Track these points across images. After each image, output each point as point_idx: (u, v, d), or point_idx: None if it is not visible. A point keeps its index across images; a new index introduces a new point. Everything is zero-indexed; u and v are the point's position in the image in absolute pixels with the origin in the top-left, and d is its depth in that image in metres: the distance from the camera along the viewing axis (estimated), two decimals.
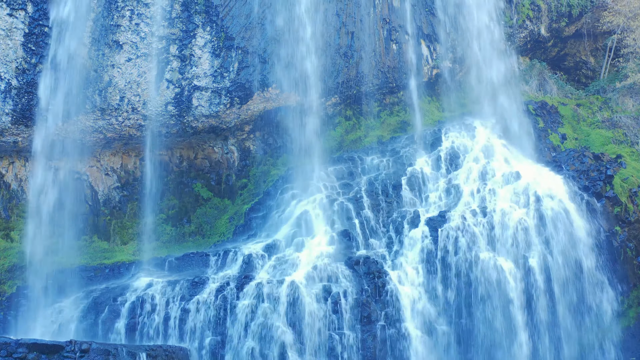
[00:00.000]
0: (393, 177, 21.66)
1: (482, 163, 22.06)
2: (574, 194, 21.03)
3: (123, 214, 22.79)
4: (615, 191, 21.42)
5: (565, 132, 24.93)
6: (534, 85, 27.06)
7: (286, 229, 20.13)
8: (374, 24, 24.10)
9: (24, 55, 21.03)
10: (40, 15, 21.14)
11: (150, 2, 21.74)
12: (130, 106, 21.73)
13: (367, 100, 24.19)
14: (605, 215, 20.98)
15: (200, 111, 22.12)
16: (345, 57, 23.51)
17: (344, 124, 24.11)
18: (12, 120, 21.13)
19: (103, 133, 22.08)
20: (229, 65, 22.10)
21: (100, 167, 23.10)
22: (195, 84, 21.96)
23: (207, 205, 23.12)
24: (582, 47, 30.62)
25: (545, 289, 19.32)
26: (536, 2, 27.12)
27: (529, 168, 21.90)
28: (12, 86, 20.96)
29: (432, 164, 22.27)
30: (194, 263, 19.80)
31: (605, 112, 26.10)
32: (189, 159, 23.66)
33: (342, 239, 19.63)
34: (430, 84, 25.50)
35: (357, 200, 20.60)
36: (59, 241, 21.85)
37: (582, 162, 22.62)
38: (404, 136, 23.62)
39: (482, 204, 20.60)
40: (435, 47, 25.04)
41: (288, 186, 21.46)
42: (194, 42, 21.95)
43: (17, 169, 22.50)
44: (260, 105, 22.78)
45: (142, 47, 21.71)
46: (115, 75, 21.61)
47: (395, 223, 20.27)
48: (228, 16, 22.14)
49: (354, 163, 22.22)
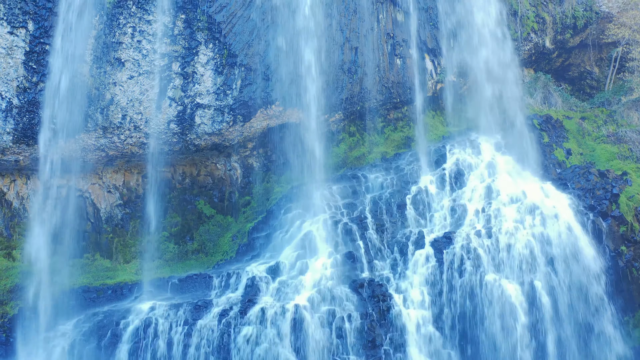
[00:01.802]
0: (397, 196, 21.48)
1: (487, 181, 21.88)
2: (579, 213, 20.87)
3: (125, 232, 22.65)
4: (621, 210, 21.27)
5: (571, 147, 24.73)
6: (539, 99, 26.84)
7: (290, 250, 19.98)
8: (377, 39, 23.88)
9: (25, 74, 20.84)
10: (41, 33, 20.94)
11: (152, 19, 21.54)
12: (132, 124, 21.56)
13: (371, 115, 24.01)
14: (611, 235, 20.83)
15: (203, 129, 21.95)
16: (349, 73, 23.31)
17: (348, 140, 23.93)
18: (13, 139, 20.96)
19: (105, 151, 21.92)
20: (231, 83, 21.90)
21: (102, 185, 22.95)
22: (198, 102, 21.78)
23: (210, 223, 22.97)
24: (586, 57, 30.39)
25: (551, 310, 19.18)
26: (541, 15, 26.89)
27: (534, 186, 21.72)
28: (13, 105, 20.79)
29: (437, 182, 22.10)
30: (197, 285, 19.67)
31: (611, 125, 25.90)
32: (191, 176, 23.50)
33: (346, 260, 19.48)
34: (434, 98, 25.31)
35: (361, 220, 20.44)
36: (61, 260, 21.70)
37: (587, 180, 22.46)
38: (408, 152, 23.43)
39: (487, 225, 20.43)
40: (439, 62, 24.83)
41: (291, 205, 21.30)
42: (197, 60, 21.75)
43: (18, 187, 22.36)
44: (263, 123, 22.61)
45: (144, 65, 21.52)
46: (117, 93, 21.43)
47: (400, 244, 20.12)
48: (231, 33, 21.93)
49: (358, 181, 22.04)
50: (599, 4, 27.99)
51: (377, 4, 23.99)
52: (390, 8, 24.16)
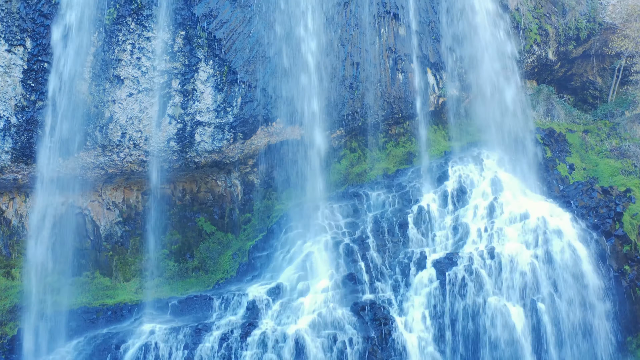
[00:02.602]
0: (399, 214, 21.32)
1: (489, 199, 21.70)
2: (582, 232, 20.70)
3: (125, 250, 22.50)
4: (624, 229, 21.10)
5: (574, 162, 24.56)
6: (542, 111, 26.65)
7: (290, 271, 19.82)
8: (379, 54, 23.66)
9: (23, 92, 20.64)
10: (39, 51, 20.73)
11: (152, 35, 21.32)
12: (131, 142, 21.38)
13: (373, 131, 23.81)
14: (615, 255, 20.68)
15: (203, 147, 21.76)
16: (350, 88, 23.10)
17: (349, 156, 23.75)
18: (11, 158, 20.79)
19: (104, 169, 21.74)
20: (232, 100, 21.71)
21: (101, 202, 22.78)
22: (198, 119, 21.59)
23: (211, 240, 22.81)
24: (589, 67, 30.17)
25: (554, 333, 19.05)
26: (544, 27, 26.64)
27: (536, 204, 21.54)
28: (11, 124, 20.60)
29: (439, 199, 21.92)
30: (197, 306, 19.52)
31: (614, 139, 25.72)
32: (191, 192, 23.33)
33: (347, 282, 19.33)
34: (436, 112, 25.11)
35: (363, 241, 20.28)
36: (60, 278, 21.58)
37: (590, 197, 22.28)
38: (410, 169, 23.25)
39: (490, 245, 20.27)
40: (441, 76, 24.61)
41: (292, 225, 21.12)
42: (197, 77, 21.55)
43: (17, 205, 22.19)
44: (264, 140, 22.42)
45: (144, 82, 21.31)
46: (116, 111, 21.23)
47: (402, 265, 19.96)
48: (231, 49, 21.72)
49: (360, 199, 21.87)
50: (602, 15, 27.75)
51: (379, 18, 23.75)
52: (392, 22, 23.93)
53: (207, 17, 21.50)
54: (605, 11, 27.86)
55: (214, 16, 21.55)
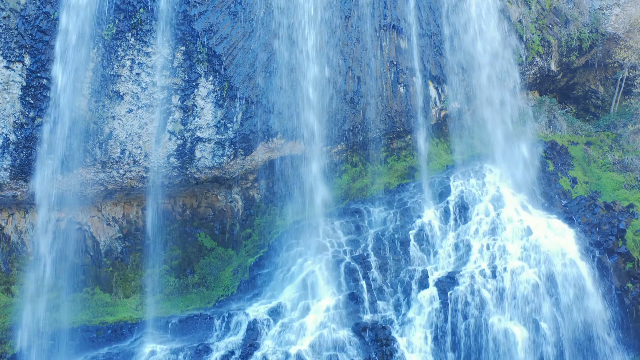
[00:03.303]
0: (401, 231, 21.18)
1: (491, 215, 21.56)
2: (585, 250, 20.57)
3: (125, 266, 22.38)
4: (627, 246, 20.98)
5: (576, 176, 24.40)
6: (544, 123, 26.48)
7: (291, 290, 19.69)
8: (380, 67, 23.48)
9: (21, 109, 20.49)
10: (38, 67, 20.56)
11: (152, 51, 21.14)
12: (131, 158, 21.23)
13: (374, 145, 23.65)
14: (617, 272, 20.56)
15: (203, 163, 21.61)
16: (351, 103, 22.93)
17: (350, 171, 23.59)
18: (10, 176, 20.65)
19: (104, 185, 21.60)
20: (232, 116, 21.54)
21: (101, 217, 22.65)
22: (198, 136, 21.43)
23: (211, 256, 22.69)
24: (591, 76, 29.98)
25: (557, 353, 18.96)
26: (546, 38, 26.44)
27: (539, 221, 21.40)
28: (10, 141, 20.45)
29: (441, 216, 21.78)
30: (198, 326, 19.41)
31: (616, 152, 25.55)
32: (192, 207, 23.20)
33: (348, 302, 19.21)
34: (438, 125, 24.95)
35: (364, 259, 20.14)
36: (60, 294, 21.49)
37: (593, 213, 22.15)
38: (411, 183, 23.09)
39: (492, 263, 20.15)
40: (443, 89, 24.44)
41: (293, 242, 20.98)
42: (197, 92, 21.38)
43: (16, 221, 22.06)
44: (264, 155, 22.27)
45: (143, 98, 21.16)
46: (115, 127, 21.08)
47: (404, 283, 19.84)
48: (231, 65, 21.54)
49: (361, 216, 21.73)
50: (604, 25, 27.54)
51: (381, 31, 23.56)
52: (394, 35, 23.73)
53: (207, 32, 21.32)
54: (608, 21, 27.66)
55: (214, 31, 21.37)
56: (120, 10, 21.07)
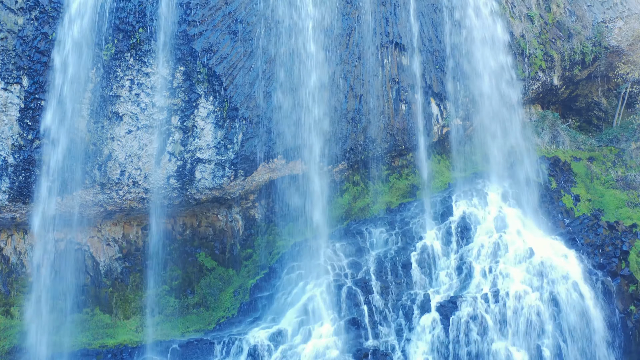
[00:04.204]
0: (402, 253, 21.03)
1: (494, 237, 21.40)
2: (588, 273, 20.44)
3: (125, 286, 22.24)
4: (630, 268, 20.84)
5: (579, 193, 24.23)
6: (546, 138, 26.29)
7: (292, 315, 19.56)
8: (382, 85, 23.26)
9: (20, 131, 20.29)
10: (36, 88, 20.35)
11: (151, 71, 20.92)
12: (131, 180, 21.05)
13: (376, 163, 23.47)
14: (620, 295, 20.43)
15: (203, 184, 21.44)
16: (353, 122, 22.72)
17: (352, 189, 23.41)
18: (9, 198, 20.47)
19: (103, 206, 21.43)
20: (232, 137, 21.35)
21: (101, 238, 22.49)
22: (198, 157, 21.24)
23: (212, 276, 22.55)
24: (594, 87, 29.78)
25: None
26: (549, 53, 26.20)
27: (542, 242, 21.27)
28: (8, 164, 20.26)
29: (443, 237, 21.63)
30: (199, 351, 19.27)
31: (620, 168, 25.39)
32: (192, 227, 23.03)
33: (350, 327, 19.09)
34: (440, 142, 24.76)
35: (366, 283, 20.00)
36: (60, 316, 21.37)
37: (596, 234, 22.00)
38: (413, 202, 22.92)
39: (494, 287, 20.01)
40: (445, 106, 24.23)
41: (294, 265, 20.83)
42: (197, 113, 21.18)
43: (16, 242, 21.91)
44: (265, 176, 22.08)
45: (143, 119, 20.95)
46: (115, 149, 20.89)
47: (405, 308, 19.71)
48: (232, 85, 21.32)
49: (362, 237, 21.57)
50: (608, 38, 27.30)
51: (382, 49, 23.32)
52: (396, 52, 23.50)
53: (207, 52, 21.09)
54: (611, 34, 27.42)
55: (214, 51, 21.14)
56: (119, 30, 20.83)
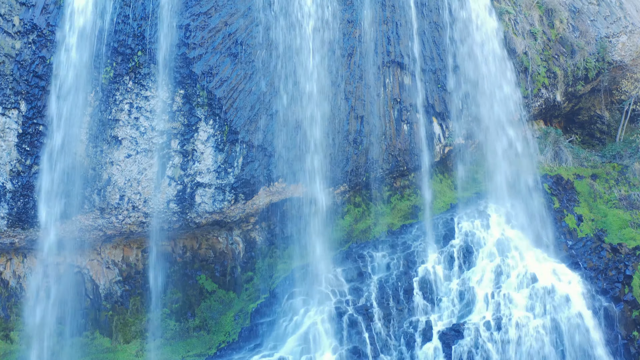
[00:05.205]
0: (404, 278, 20.87)
1: (496, 261, 21.26)
2: (591, 299, 20.30)
3: (125, 310, 22.10)
4: (633, 294, 20.70)
5: (582, 213, 24.04)
6: (549, 156, 26.06)
7: (293, 342, 19.43)
8: (384, 105, 23.03)
9: (18, 157, 20.09)
10: (34, 113, 20.14)
11: (150, 94, 20.69)
12: (130, 204, 20.87)
13: (377, 184, 23.26)
14: (623, 321, 20.30)
15: (203, 208, 21.25)
16: (354, 143, 22.51)
17: (353, 211, 23.23)
18: (7, 224, 20.31)
19: (103, 230, 21.26)
20: (233, 161, 21.14)
21: (100, 260, 22.34)
22: (198, 181, 21.05)
23: (212, 299, 22.40)
24: (597, 101, 29.52)
25: None
26: (552, 70, 25.95)
27: (544, 267, 21.10)
28: (6, 189, 20.08)
29: (445, 261, 21.47)
30: None
31: (623, 186, 25.19)
32: (192, 249, 22.87)
33: (351, 356, 18.98)
34: (442, 161, 24.55)
35: (367, 310, 19.86)
36: (60, 340, 21.28)
37: (599, 257, 21.86)
38: (415, 224, 22.74)
39: (497, 313, 19.87)
40: (447, 125, 24.00)
41: (295, 291, 20.68)
42: (197, 137, 20.97)
43: (15, 266, 21.76)
44: (265, 199, 21.90)
45: (142, 143, 20.75)
46: (114, 173, 20.69)
47: (407, 335, 19.59)
48: (232, 108, 21.09)
49: (364, 261, 21.41)
50: (611, 53, 27.03)
51: (384, 68, 23.08)
52: (397, 71, 23.25)
53: (207, 75, 20.85)
54: (615, 49, 27.15)
55: (214, 74, 20.90)
56: (118, 53, 20.58)
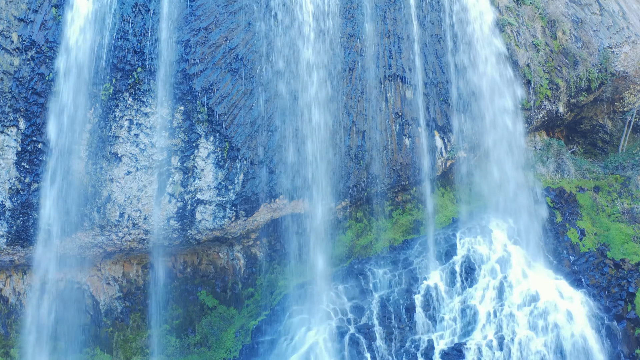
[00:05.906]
0: (406, 295, 20.79)
1: (498, 278, 21.17)
2: (594, 317, 20.23)
3: (126, 326, 22.01)
4: (636, 311, 20.63)
5: (584, 227, 23.94)
6: (552, 168, 25.93)
7: None
8: (385, 119, 22.87)
9: (17, 175, 19.95)
10: (33, 131, 19.98)
11: (150, 111, 20.53)
12: (130, 222, 20.74)
13: (378, 199, 23.14)
14: (626, 339, 20.24)
15: (204, 225, 21.13)
16: (356, 158, 22.37)
17: (355, 227, 23.11)
18: (7, 242, 20.19)
19: (103, 248, 21.15)
20: (233, 177, 21.00)
21: (100, 277, 22.23)
22: (199, 198, 20.91)
23: (213, 314, 22.31)
24: (599, 110, 29.36)
25: None
26: (555, 81, 25.77)
27: (547, 284, 21.02)
28: (5, 208, 19.95)
29: (447, 278, 21.38)
30: None
31: (625, 199, 25.07)
32: (193, 265, 22.76)
33: None
34: (444, 174, 24.42)
35: (369, 329, 19.78)
36: (60, 357, 21.22)
37: (602, 274, 21.78)
38: (417, 240, 22.63)
39: (499, 332, 19.81)
40: (449, 138, 23.85)
41: (297, 309, 20.58)
42: (197, 153, 20.82)
43: (14, 282, 21.65)
44: (267, 216, 21.77)
45: (142, 159, 20.60)
46: (114, 190, 20.56)
47: (409, 355, 19.51)
48: (232, 124, 20.94)
49: (365, 278, 21.30)
50: (614, 64, 26.85)
51: (386, 82, 22.90)
52: (399, 85, 23.08)
53: (207, 92, 20.67)
54: (618, 59, 26.97)
55: (214, 90, 20.73)
56: (117, 69, 20.40)
